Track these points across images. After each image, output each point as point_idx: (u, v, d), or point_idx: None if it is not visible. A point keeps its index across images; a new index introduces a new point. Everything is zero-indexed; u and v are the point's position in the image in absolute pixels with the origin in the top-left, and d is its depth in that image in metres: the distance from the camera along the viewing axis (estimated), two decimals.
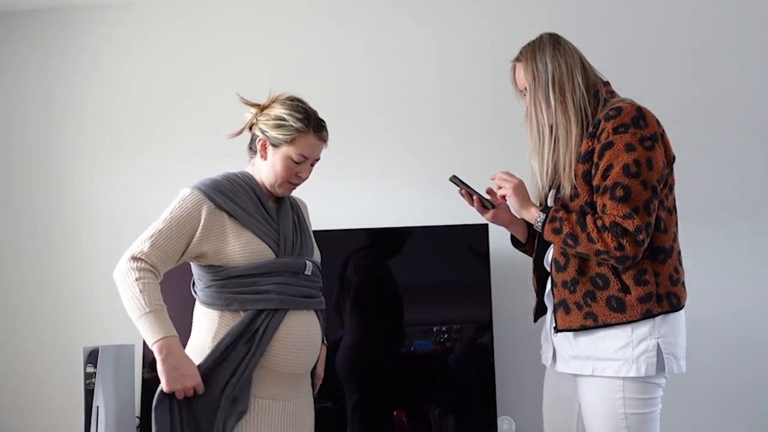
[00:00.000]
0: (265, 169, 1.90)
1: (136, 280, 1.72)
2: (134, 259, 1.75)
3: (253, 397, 1.77)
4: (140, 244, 1.77)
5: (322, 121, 1.92)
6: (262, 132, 1.89)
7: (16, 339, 3.26)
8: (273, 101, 1.91)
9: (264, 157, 1.90)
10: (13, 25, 3.45)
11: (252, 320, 1.78)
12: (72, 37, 3.40)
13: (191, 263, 1.89)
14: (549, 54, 1.85)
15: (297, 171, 1.89)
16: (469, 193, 2.00)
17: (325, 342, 2.03)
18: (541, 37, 1.91)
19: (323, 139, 1.92)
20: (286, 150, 1.86)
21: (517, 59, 1.93)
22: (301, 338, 1.83)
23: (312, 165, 1.94)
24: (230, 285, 1.80)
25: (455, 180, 2.03)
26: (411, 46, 3.11)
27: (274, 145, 1.87)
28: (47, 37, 3.42)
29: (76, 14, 3.40)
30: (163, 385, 1.71)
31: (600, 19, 2.97)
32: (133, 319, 1.73)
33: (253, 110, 1.93)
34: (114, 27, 3.37)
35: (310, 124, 1.87)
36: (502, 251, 2.73)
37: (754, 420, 2.70)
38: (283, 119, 1.86)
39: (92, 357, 2.70)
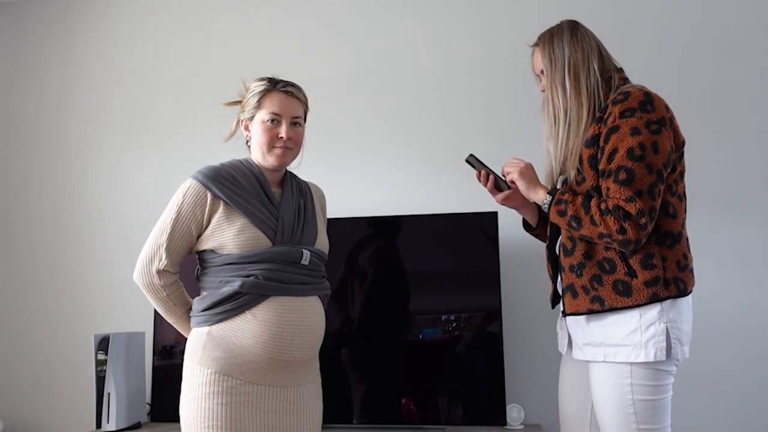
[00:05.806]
0: (253, 148, 1.94)
1: (168, 296, 1.88)
2: (159, 273, 1.84)
3: (250, 384, 1.77)
4: (156, 253, 1.84)
5: (291, 83, 1.94)
6: (240, 116, 1.96)
7: (28, 327, 3.30)
8: (247, 90, 1.96)
9: (249, 137, 1.95)
10: (28, 15, 3.48)
11: (232, 295, 1.79)
12: (87, 26, 3.41)
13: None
14: (567, 39, 1.87)
15: (276, 132, 1.89)
16: (487, 173, 2.01)
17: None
18: (560, 23, 1.93)
19: (293, 95, 1.92)
20: (258, 116, 1.91)
21: (536, 44, 1.95)
22: (293, 325, 1.80)
23: (294, 125, 1.92)
24: (224, 270, 1.82)
25: (472, 159, 2.04)
26: (417, 34, 3.09)
27: (251, 118, 1.92)
28: (61, 26, 3.44)
29: (93, 3, 3.42)
30: None
31: (607, 6, 2.94)
32: (170, 321, 1.95)
33: (238, 107, 1.99)
34: (133, 15, 3.38)
35: (272, 84, 1.91)
36: (512, 239, 2.72)
37: (764, 411, 2.68)
38: (249, 91, 1.93)
39: (103, 344, 2.73)
